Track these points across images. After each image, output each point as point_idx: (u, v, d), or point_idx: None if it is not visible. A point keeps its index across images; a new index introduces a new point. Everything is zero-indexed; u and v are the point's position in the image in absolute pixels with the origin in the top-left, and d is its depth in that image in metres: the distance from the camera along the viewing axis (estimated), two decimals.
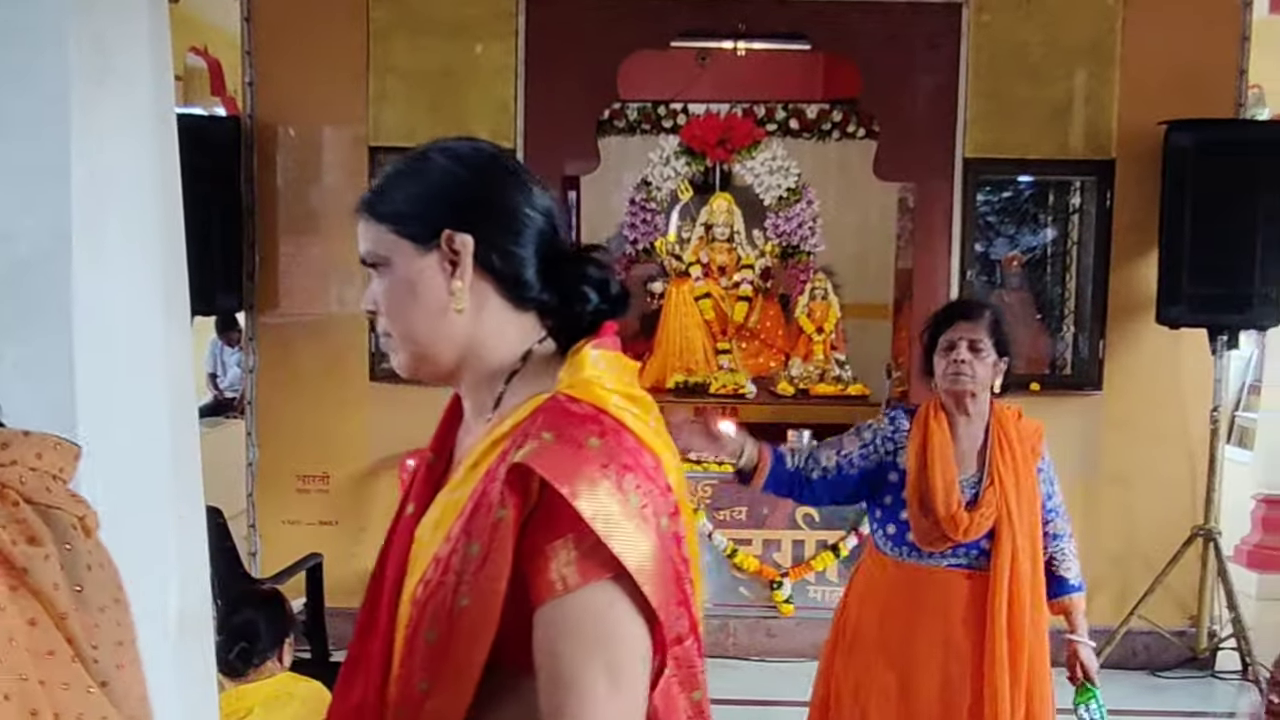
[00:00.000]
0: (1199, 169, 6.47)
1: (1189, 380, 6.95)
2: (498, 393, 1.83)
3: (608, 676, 1.60)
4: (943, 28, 6.75)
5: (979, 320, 3.86)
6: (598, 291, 1.84)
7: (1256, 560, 8.75)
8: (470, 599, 1.64)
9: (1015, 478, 3.84)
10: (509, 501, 1.62)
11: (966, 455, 3.90)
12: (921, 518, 3.84)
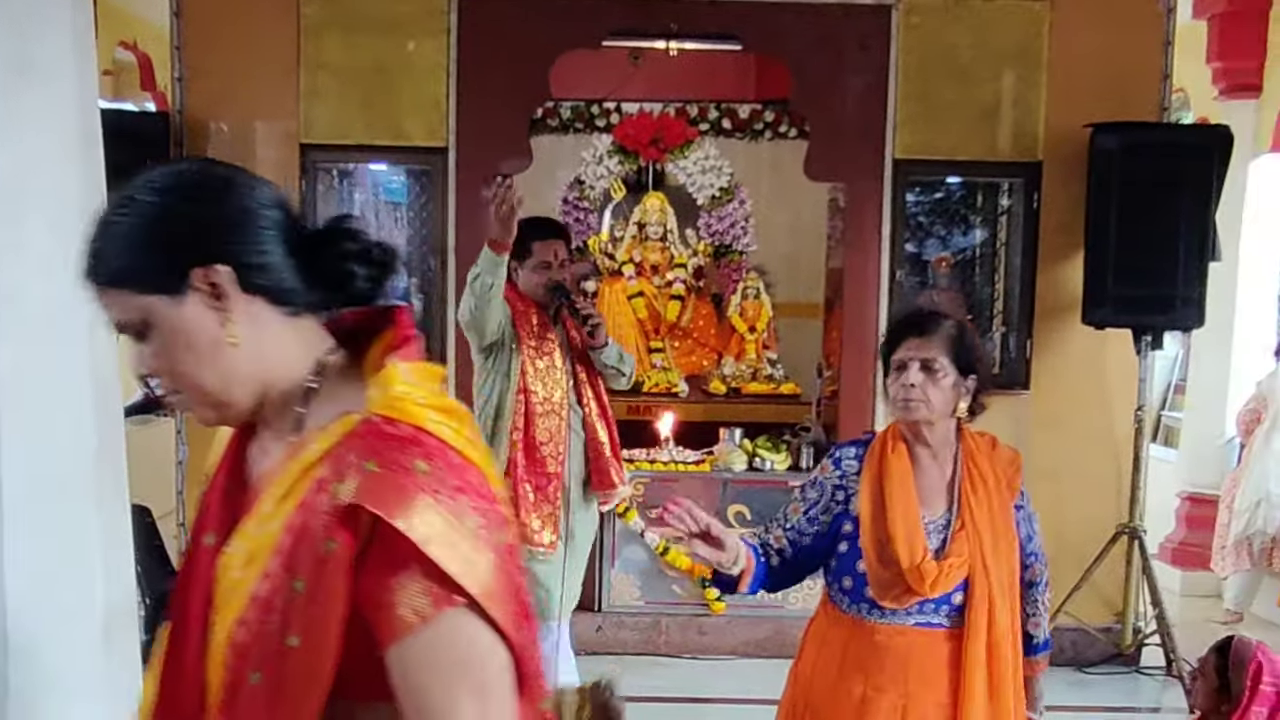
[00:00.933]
0: (1124, 171, 6.56)
1: (1114, 380, 7.04)
2: (296, 414, 1.72)
3: (478, 700, 1.58)
4: (873, 29, 6.80)
5: (932, 336, 3.34)
6: (362, 263, 1.76)
7: (1181, 557, 8.86)
8: (300, 638, 1.56)
9: (990, 518, 3.32)
10: (338, 536, 1.55)
11: (931, 493, 3.37)
12: (881, 569, 3.28)
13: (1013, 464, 3.48)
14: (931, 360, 3.32)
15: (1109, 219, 6.59)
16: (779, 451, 7.19)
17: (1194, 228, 6.58)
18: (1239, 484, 8.00)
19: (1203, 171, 6.57)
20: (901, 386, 3.34)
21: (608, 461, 5.32)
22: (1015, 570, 3.40)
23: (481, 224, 6.74)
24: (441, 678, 1.56)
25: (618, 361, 5.32)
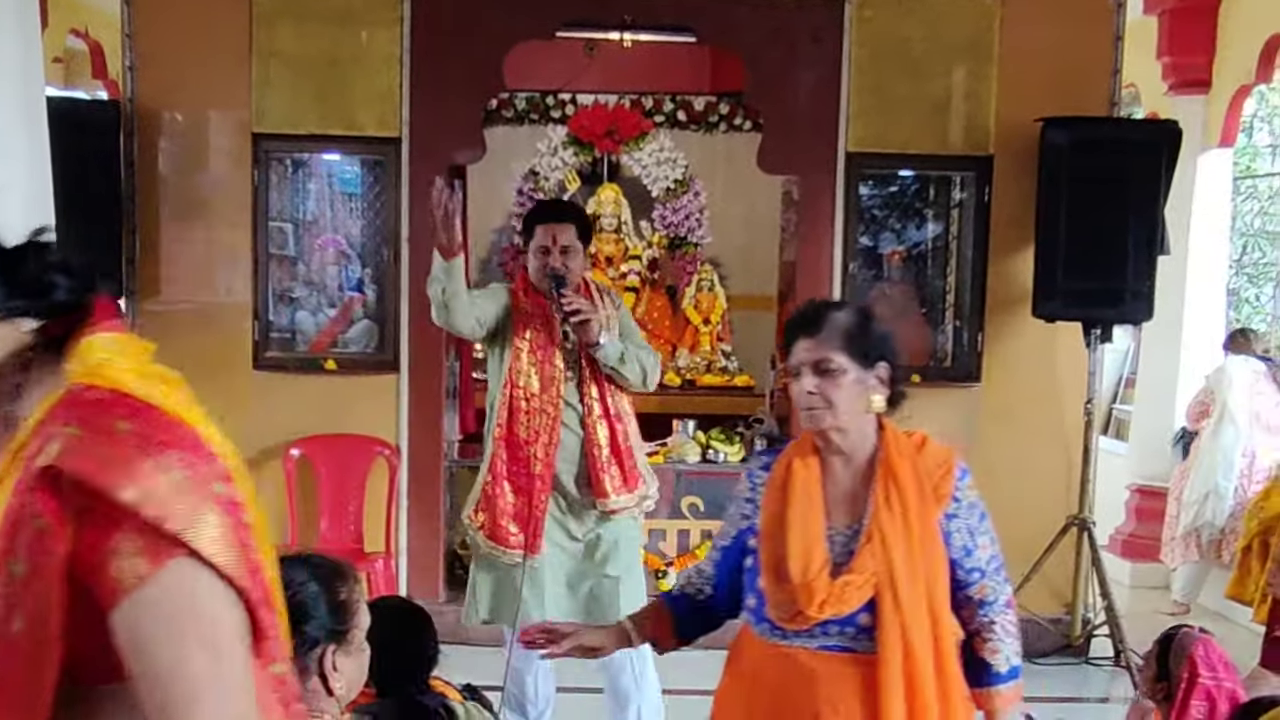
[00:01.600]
0: (1074, 166, 6.60)
1: (1065, 373, 7.08)
2: (10, 416, 1.66)
3: (207, 653, 1.53)
4: (826, 23, 6.81)
5: (823, 333, 2.99)
6: (64, 274, 1.70)
7: (1130, 549, 8.93)
8: (24, 621, 1.51)
9: (905, 529, 2.95)
10: (45, 509, 1.51)
11: (841, 502, 3.04)
12: (775, 586, 2.97)
13: (942, 466, 3.06)
14: (825, 361, 2.97)
15: (1059, 213, 6.63)
16: (732, 443, 7.21)
17: (1143, 222, 6.62)
18: (1187, 477, 8.06)
19: (1152, 166, 6.62)
20: (802, 394, 3.00)
21: (602, 467, 4.87)
22: (942, 588, 2.99)
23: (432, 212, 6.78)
24: (167, 634, 1.51)
25: (617, 363, 4.84)
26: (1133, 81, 9.05)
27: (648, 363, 4.93)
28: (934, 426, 6.83)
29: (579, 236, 4.88)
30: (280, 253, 7.14)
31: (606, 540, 4.97)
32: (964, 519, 3.05)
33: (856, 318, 3.04)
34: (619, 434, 4.92)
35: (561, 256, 4.80)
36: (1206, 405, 8.04)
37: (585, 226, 5.00)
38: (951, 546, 3.02)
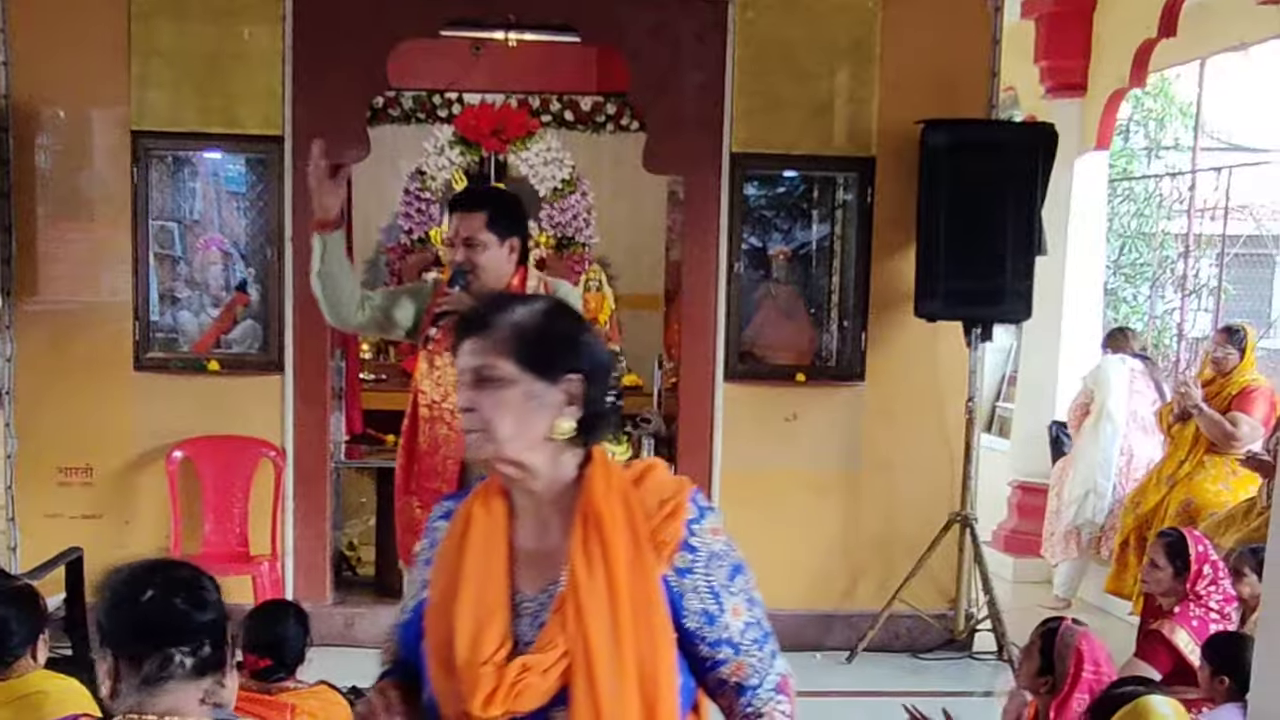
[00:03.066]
0: (953, 167, 6.68)
1: (946, 371, 7.16)
2: None
3: None
4: (709, 24, 6.83)
5: (489, 332, 2.28)
6: None
7: (1013, 544, 9.05)
8: None
9: (609, 592, 2.21)
10: None
11: (535, 560, 2.30)
12: (439, 674, 2.27)
13: (668, 505, 2.27)
14: (486, 367, 2.26)
15: (939, 214, 6.71)
16: (620, 443, 7.21)
17: (1021, 223, 6.72)
18: (1067, 474, 8.20)
19: (1029, 168, 6.72)
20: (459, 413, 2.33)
21: None
22: (665, 671, 2.24)
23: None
24: None
25: None
26: (1012, 85, 9.21)
27: None
28: (819, 424, 7.00)
29: (491, 227, 4.38)
30: (165, 252, 7.05)
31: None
32: (703, 575, 2.27)
33: (540, 315, 2.32)
34: None
35: (466, 250, 4.39)
36: (1087, 405, 8.17)
37: (505, 216, 4.48)
38: (685, 612, 2.27)
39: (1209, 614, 4.99)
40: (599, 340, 2.40)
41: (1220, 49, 8.70)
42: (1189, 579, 5.07)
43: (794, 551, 7.12)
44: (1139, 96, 11.81)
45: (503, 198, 4.96)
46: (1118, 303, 11.92)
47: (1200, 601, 5.03)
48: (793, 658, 6.78)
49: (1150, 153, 12.85)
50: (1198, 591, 5.05)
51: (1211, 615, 4.98)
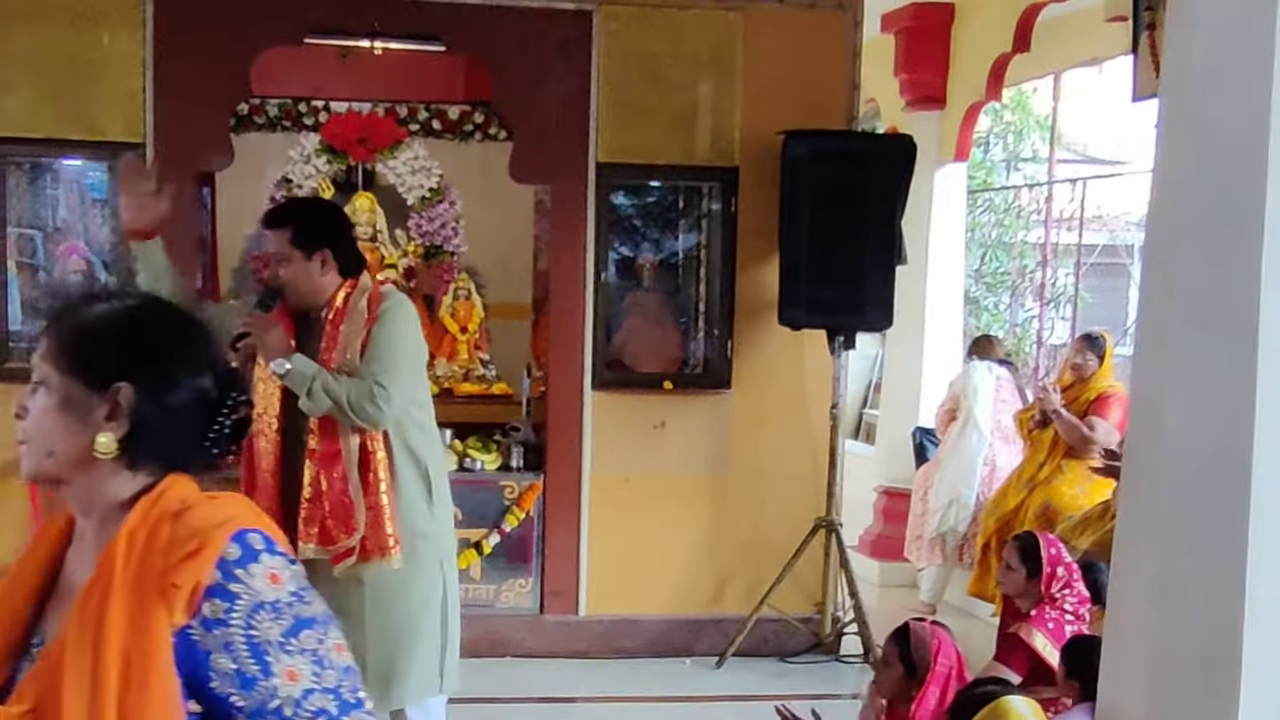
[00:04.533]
0: (814, 177, 6.77)
1: (812, 379, 7.25)
2: None
3: None
4: (574, 34, 6.86)
5: (52, 334, 2.02)
6: None
7: (879, 549, 9.16)
8: None
9: (93, 644, 1.83)
10: None
11: (68, 593, 1.97)
12: None
13: (190, 545, 1.87)
14: (37, 369, 2.02)
15: (801, 223, 6.79)
16: (489, 451, 7.21)
17: (881, 233, 6.84)
18: (931, 479, 8.33)
19: (888, 179, 6.85)
20: None
21: (302, 509, 4.31)
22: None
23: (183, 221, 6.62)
24: None
25: (302, 393, 4.19)
26: (874, 97, 9.37)
27: (347, 396, 4.18)
28: (686, 431, 7.04)
29: (297, 242, 4.28)
30: (26, 261, 6.91)
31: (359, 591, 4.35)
32: (240, 628, 1.87)
33: (105, 315, 2.02)
34: (324, 476, 4.28)
35: (276, 266, 4.31)
36: (953, 411, 8.30)
37: (312, 229, 4.35)
38: (211, 673, 1.88)
39: (1064, 616, 5.08)
40: (192, 346, 2.07)
41: (1073, 64, 8.94)
42: (1042, 581, 5.18)
43: (663, 557, 7.18)
44: (997, 109, 12.07)
45: (310, 210, 4.86)
46: (980, 311, 12.15)
47: (1056, 604, 5.12)
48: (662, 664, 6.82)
49: (1009, 164, 13.13)
50: (1052, 594, 5.14)
51: (1067, 617, 5.06)
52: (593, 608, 7.16)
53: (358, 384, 4.21)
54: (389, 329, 4.32)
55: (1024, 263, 11.76)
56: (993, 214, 12.43)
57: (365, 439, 4.29)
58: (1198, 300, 2.96)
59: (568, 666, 7.00)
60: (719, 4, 6.96)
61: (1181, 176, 3.01)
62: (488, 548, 7.02)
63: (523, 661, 7.00)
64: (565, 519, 7.11)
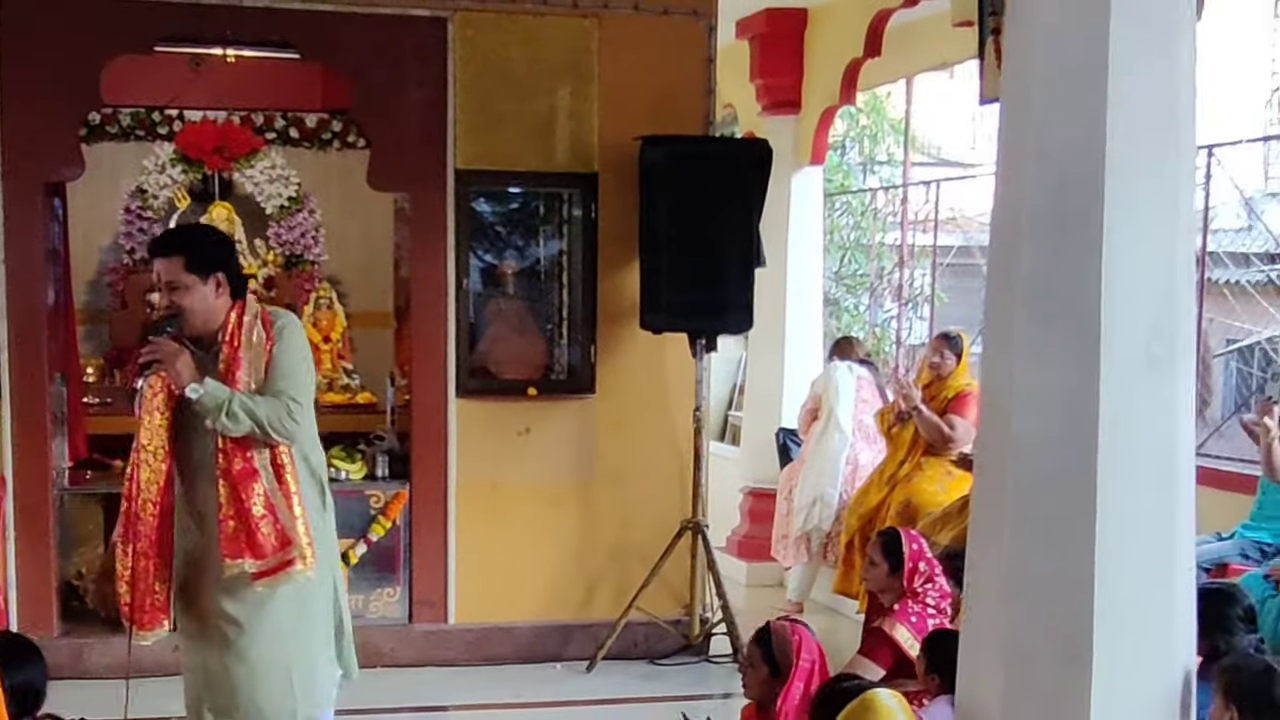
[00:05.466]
0: (672, 182, 6.83)
1: (675, 382, 7.30)
2: None
3: None
4: (429, 41, 6.84)
5: None
6: None
7: (746, 550, 9.23)
8: None
9: None
10: None
11: None
12: None
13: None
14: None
15: (660, 228, 6.85)
16: (354, 461, 7.16)
17: (740, 236, 6.92)
18: (795, 479, 8.41)
19: (745, 183, 6.93)
20: None
21: (222, 528, 4.35)
22: None
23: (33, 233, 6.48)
24: None
25: (218, 415, 4.27)
26: (730, 102, 9.48)
27: (265, 415, 4.30)
28: (552, 437, 7.06)
29: (192, 268, 4.35)
30: None
31: (236, 616, 4.43)
32: None
33: None
34: (243, 493, 4.34)
35: (169, 294, 4.37)
36: (815, 411, 8.38)
37: (205, 254, 4.45)
38: None
39: (926, 610, 5.17)
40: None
41: (924, 68, 9.13)
42: (904, 576, 5.27)
43: (531, 563, 7.18)
44: (853, 113, 12.28)
45: (200, 236, 4.97)
46: (840, 312, 12.33)
47: (918, 598, 5.22)
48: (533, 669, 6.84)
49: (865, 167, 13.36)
50: (914, 589, 5.24)
51: (929, 611, 5.16)
52: (462, 615, 7.13)
53: (272, 402, 4.34)
54: (289, 347, 4.47)
55: (882, 264, 11.95)
56: (850, 216, 12.63)
57: (275, 453, 4.40)
58: (1040, 298, 3.05)
59: (438, 675, 6.97)
60: (575, 11, 6.99)
61: (1022, 177, 3.10)
62: (355, 558, 6.96)
63: (393, 672, 6.93)
64: (432, 527, 7.08)
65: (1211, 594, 4.55)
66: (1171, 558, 3.09)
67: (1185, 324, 3.11)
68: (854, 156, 13.37)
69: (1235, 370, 13.19)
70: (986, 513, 3.27)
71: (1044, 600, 3.07)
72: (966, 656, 3.38)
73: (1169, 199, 3.04)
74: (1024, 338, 3.08)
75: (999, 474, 3.18)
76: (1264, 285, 11.14)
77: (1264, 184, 16.05)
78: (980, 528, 3.30)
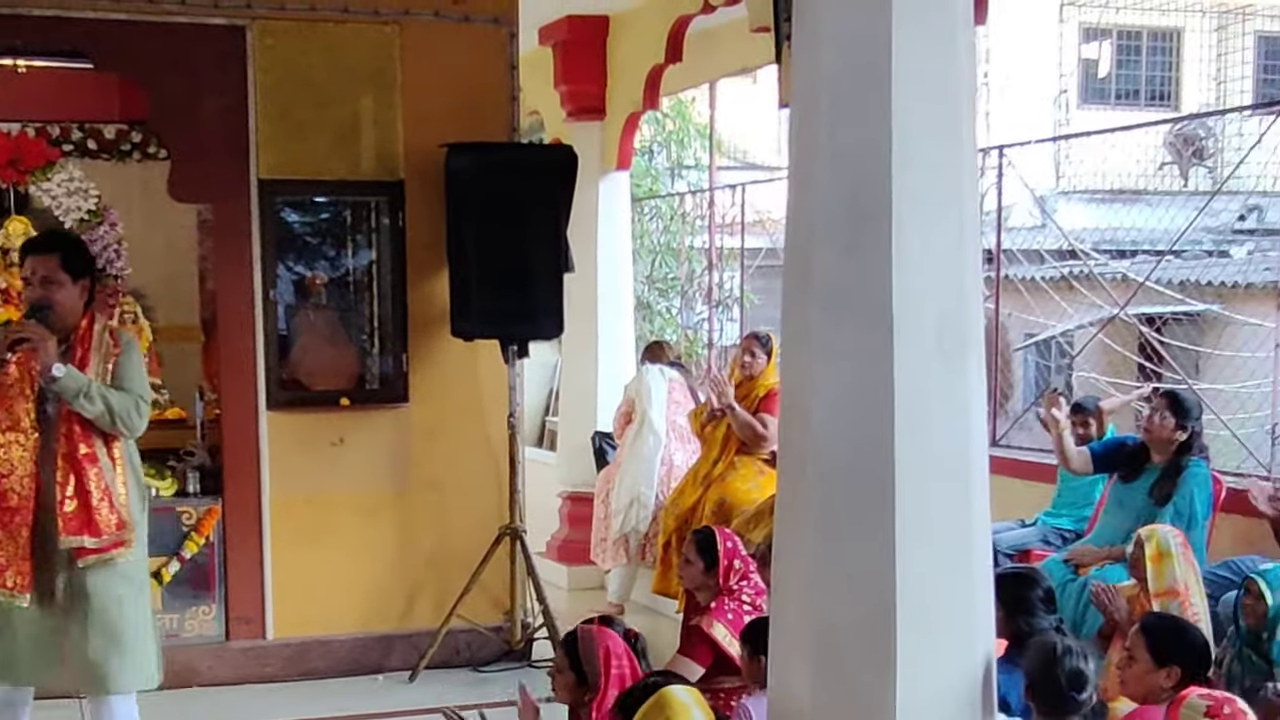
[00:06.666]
0: (479, 189, 6.85)
1: (488, 389, 7.32)
2: None
3: None
4: (227, 50, 6.76)
5: None
6: None
7: (566, 554, 9.28)
8: None
9: None
10: None
11: None
12: None
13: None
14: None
15: (468, 235, 6.86)
16: (165, 478, 7.02)
17: (548, 242, 6.97)
18: (613, 483, 8.47)
19: (552, 189, 6.98)
20: None
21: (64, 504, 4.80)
22: None
23: None
24: None
25: (75, 398, 4.73)
26: (536, 109, 9.52)
27: (117, 404, 4.79)
28: (366, 447, 7.00)
29: (66, 268, 4.85)
30: None
31: (81, 593, 4.90)
32: None
33: None
34: (84, 475, 4.81)
35: (42, 288, 4.82)
36: (629, 413, 8.47)
37: (78, 259, 4.98)
38: None
39: (742, 607, 5.25)
40: None
41: (726, 73, 9.29)
42: (720, 574, 5.35)
43: (349, 575, 7.13)
44: (659, 118, 12.41)
45: (76, 242, 5.53)
46: (652, 315, 12.45)
47: (734, 595, 5.30)
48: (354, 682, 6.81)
49: (673, 172, 13.50)
50: (730, 586, 5.32)
51: (745, 608, 5.24)
52: (280, 631, 7.05)
53: (123, 396, 4.85)
54: (134, 361, 5.03)
55: (692, 267, 12.08)
56: (660, 220, 12.74)
57: (111, 447, 4.91)
58: (835, 297, 3.11)
59: (258, 693, 6.87)
60: (376, 18, 6.97)
61: (814, 179, 3.16)
62: (168, 576, 6.83)
63: (211, 691, 6.83)
64: (247, 542, 6.98)
65: (1012, 578, 4.74)
66: (969, 544, 3.17)
67: (974, 318, 3.19)
68: (662, 161, 13.49)
69: (1034, 364, 13.69)
70: (790, 507, 3.31)
71: (848, 592, 3.12)
72: (776, 649, 3.42)
73: (954, 196, 3.12)
74: (820, 336, 3.13)
75: (800, 469, 3.22)
76: (1058, 281, 11.53)
77: (1055, 183, 16.73)
78: (785, 522, 3.34)
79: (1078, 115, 19.29)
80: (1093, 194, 17.04)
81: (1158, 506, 5.99)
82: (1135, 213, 13.50)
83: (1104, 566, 5.96)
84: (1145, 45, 20.42)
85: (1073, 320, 11.56)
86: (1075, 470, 6.56)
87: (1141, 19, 20.00)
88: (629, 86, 8.95)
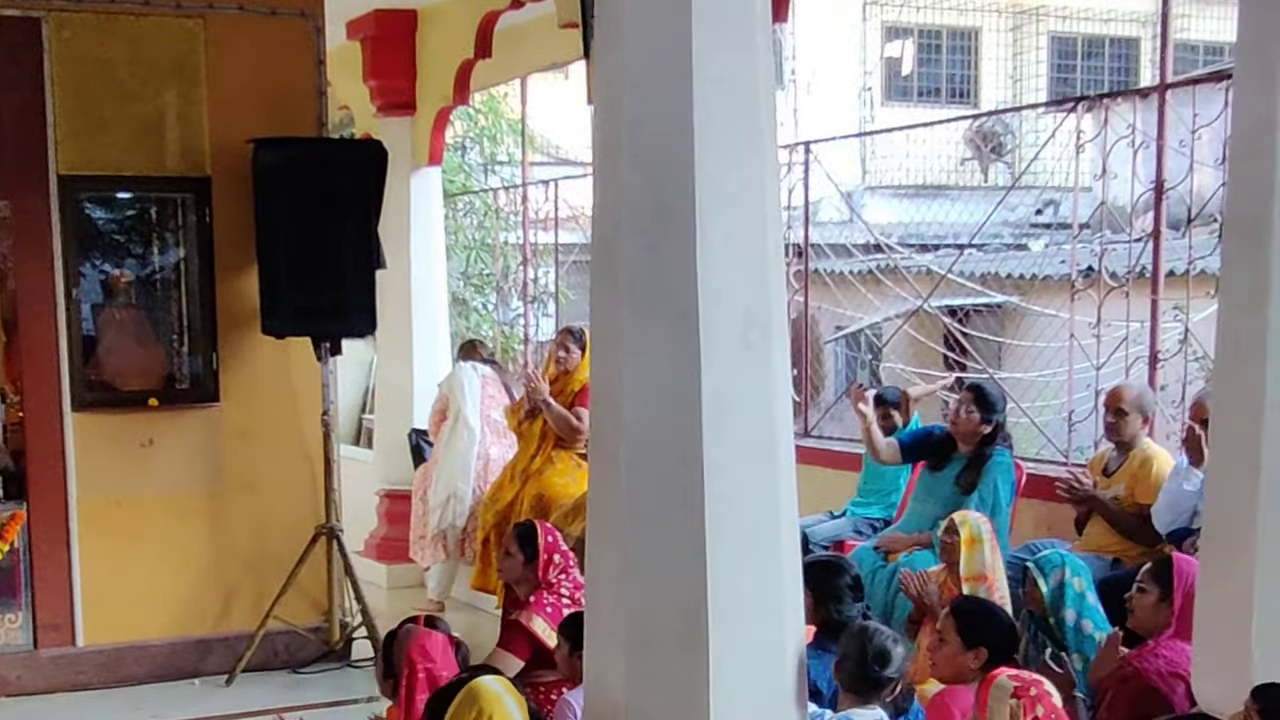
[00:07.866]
0: (287, 185, 6.79)
1: (301, 387, 7.26)
2: None
3: None
4: (22, 42, 6.60)
5: None
6: None
7: (384, 552, 9.22)
8: None
9: None
10: None
11: None
12: None
13: None
14: None
15: (277, 232, 6.80)
16: None
17: (358, 238, 6.94)
18: (430, 480, 8.46)
19: (362, 185, 6.95)
20: None
21: None
22: None
23: None
24: None
25: None
26: (346, 104, 9.44)
27: None
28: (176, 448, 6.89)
29: None
30: None
31: None
32: None
33: None
34: None
35: None
36: (444, 410, 8.47)
37: None
38: None
39: (561, 601, 5.28)
40: None
41: (536, 69, 9.32)
42: (539, 567, 5.38)
43: (162, 579, 7.02)
44: (471, 114, 12.38)
45: None
46: (468, 311, 12.43)
47: (553, 589, 5.33)
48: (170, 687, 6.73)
49: (487, 167, 13.48)
50: (550, 580, 5.36)
51: (564, 601, 5.27)
52: (92, 637, 6.91)
53: None
54: None
55: (507, 263, 12.08)
56: (474, 216, 12.73)
57: None
58: (641, 292, 3.15)
59: (70, 701, 6.76)
60: (178, 11, 6.86)
61: (618, 175, 3.19)
62: None
63: (20, 701, 6.70)
64: (54, 548, 6.84)
65: (820, 566, 4.88)
66: (777, 533, 3.23)
67: (778, 310, 3.25)
68: (475, 157, 13.46)
69: (843, 356, 14.00)
70: (602, 500, 3.34)
71: (660, 583, 3.16)
72: (590, 641, 3.45)
73: (756, 190, 3.17)
74: (629, 330, 3.17)
75: (612, 462, 3.24)
76: (865, 275, 11.79)
77: (861, 179, 17.11)
78: (597, 514, 3.37)
79: (882, 112, 19.73)
80: (898, 189, 17.45)
81: (964, 495, 6.19)
82: (938, 207, 13.82)
83: (912, 552, 6.15)
84: (945, 44, 20.97)
85: (880, 313, 11.81)
86: (884, 460, 6.75)
87: (941, 18, 20.51)
88: (439, 81, 8.94)
